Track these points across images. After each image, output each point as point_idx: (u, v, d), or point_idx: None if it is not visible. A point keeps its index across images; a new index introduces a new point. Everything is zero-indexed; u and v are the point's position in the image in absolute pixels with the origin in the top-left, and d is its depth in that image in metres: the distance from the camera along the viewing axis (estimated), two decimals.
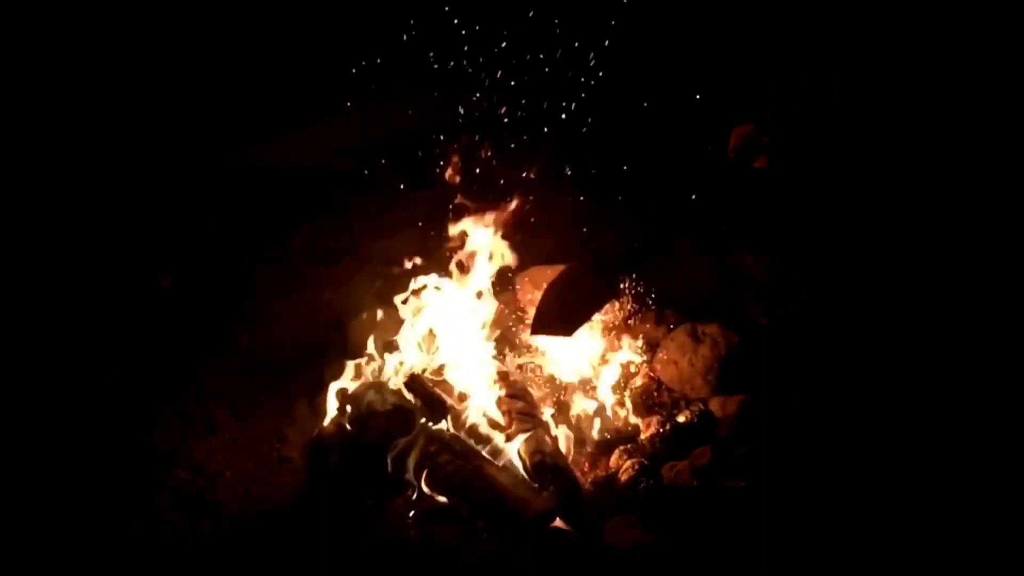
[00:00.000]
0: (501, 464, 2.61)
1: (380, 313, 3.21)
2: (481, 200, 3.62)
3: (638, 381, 3.10)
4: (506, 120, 4.31)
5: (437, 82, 4.68)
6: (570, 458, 2.78)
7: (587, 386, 3.09)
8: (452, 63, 4.53)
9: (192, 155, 5.15)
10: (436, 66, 4.58)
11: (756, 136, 2.79)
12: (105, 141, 5.15)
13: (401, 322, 3.09)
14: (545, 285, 2.92)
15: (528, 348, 3.25)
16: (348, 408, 2.78)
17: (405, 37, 4.69)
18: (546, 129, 4.39)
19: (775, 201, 3.13)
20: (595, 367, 3.13)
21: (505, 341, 3.24)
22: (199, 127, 5.38)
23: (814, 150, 2.84)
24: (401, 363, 2.96)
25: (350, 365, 2.98)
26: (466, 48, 4.52)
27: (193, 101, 5.60)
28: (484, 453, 2.63)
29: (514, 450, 2.64)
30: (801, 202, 3.39)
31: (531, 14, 4.44)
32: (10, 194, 4.52)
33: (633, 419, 2.98)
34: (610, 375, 3.09)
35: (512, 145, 4.21)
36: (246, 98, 5.72)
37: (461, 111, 4.47)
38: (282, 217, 4.47)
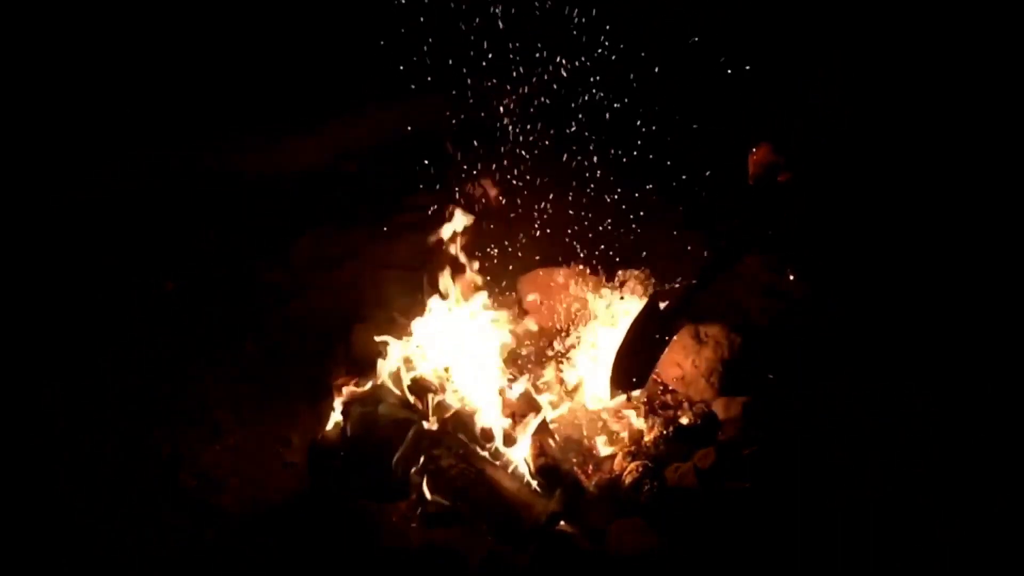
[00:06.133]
0: (504, 467, 2.61)
1: (384, 317, 3.22)
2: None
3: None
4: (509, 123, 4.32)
5: (438, 84, 4.69)
6: (574, 461, 2.79)
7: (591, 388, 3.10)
8: (453, 64, 4.53)
9: (195, 160, 5.16)
10: (437, 68, 4.58)
11: (773, 158, 2.72)
12: (109, 147, 5.17)
13: (405, 326, 3.10)
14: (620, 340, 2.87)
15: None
16: (352, 412, 2.79)
17: (406, 39, 4.69)
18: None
19: (796, 207, 3.09)
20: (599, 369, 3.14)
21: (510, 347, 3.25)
22: (201, 132, 5.38)
23: (827, 152, 2.79)
24: (405, 366, 2.97)
25: (353, 369, 2.99)
26: (470, 49, 4.53)
27: (195, 107, 5.60)
28: (488, 456, 2.64)
29: (518, 453, 2.65)
30: (813, 205, 3.37)
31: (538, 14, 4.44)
32: (16, 199, 4.53)
33: (637, 421, 2.99)
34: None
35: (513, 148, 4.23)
36: (248, 103, 5.73)
37: (462, 116, 4.48)
38: (285, 222, 4.49)
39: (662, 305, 2.89)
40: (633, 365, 2.85)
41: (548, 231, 3.95)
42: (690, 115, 4.40)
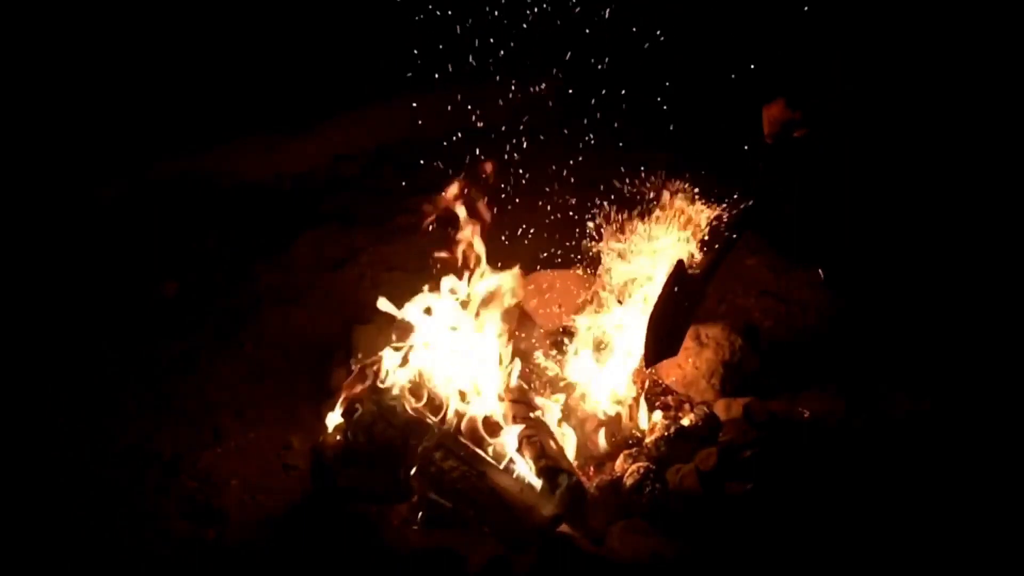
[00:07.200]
0: (506, 469, 2.61)
1: (384, 319, 3.21)
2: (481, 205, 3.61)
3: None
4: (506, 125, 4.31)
5: (438, 86, 4.69)
6: (575, 462, 2.78)
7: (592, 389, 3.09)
8: (454, 66, 4.53)
9: (195, 162, 5.16)
10: (438, 70, 4.58)
11: (789, 114, 2.60)
12: (110, 152, 5.17)
13: (406, 327, 3.09)
14: (649, 315, 2.79)
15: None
16: (353, 414, 2.79)
17: (406, 40, 4.69)
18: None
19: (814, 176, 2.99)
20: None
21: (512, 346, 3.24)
22: (201, 135, 5.39)
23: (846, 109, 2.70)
24: (406, 368, 2.96)
25: (355, 371, 2.98)
26: (469, 50, 4.52)
27: (195, 109, 5.61)
28: (489, 458, 2.63)
29: (519, 455, 2.64)
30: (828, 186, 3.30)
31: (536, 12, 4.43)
32: (19, 202, 4.54)
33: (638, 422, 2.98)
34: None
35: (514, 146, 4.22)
36: (247, 104, 5.73)
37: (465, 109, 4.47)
38: (285, 223, 4.49)
39: (692, 265, 2.84)
40: (664, 335, 2.80)
41: (555, 231, 3.95)
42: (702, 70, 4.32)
